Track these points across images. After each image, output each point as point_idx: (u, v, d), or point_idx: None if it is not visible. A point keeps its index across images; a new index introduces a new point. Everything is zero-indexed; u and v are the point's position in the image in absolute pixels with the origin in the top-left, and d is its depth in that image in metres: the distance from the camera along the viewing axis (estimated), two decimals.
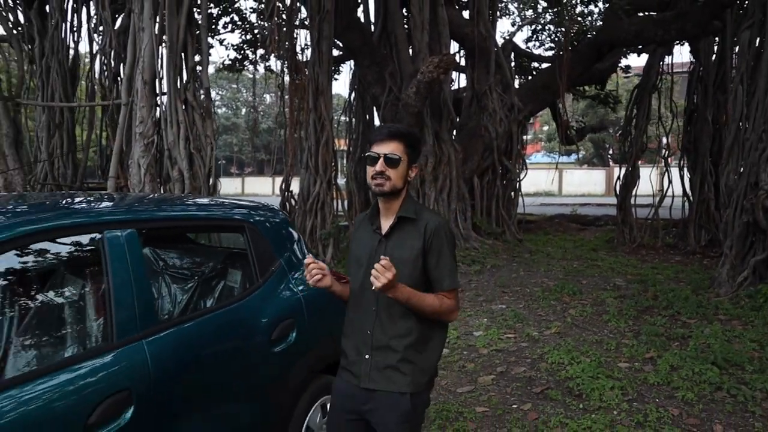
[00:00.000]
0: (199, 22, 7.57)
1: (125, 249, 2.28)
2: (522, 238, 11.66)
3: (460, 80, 14.21)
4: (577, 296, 7.39)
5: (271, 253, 2.78)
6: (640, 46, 13.28)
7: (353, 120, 12.97)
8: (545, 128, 43.46)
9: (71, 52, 10.65)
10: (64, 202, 2.61)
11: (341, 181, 12.90)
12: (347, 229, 10.23)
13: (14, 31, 9.91)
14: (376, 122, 12.56)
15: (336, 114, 18.53)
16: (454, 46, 12.19)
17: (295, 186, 10.50)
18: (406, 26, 11.19)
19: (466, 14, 12.72)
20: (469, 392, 4.61)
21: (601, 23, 14.45)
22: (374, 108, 12.22)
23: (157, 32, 7.20)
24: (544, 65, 16.38)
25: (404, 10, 11.28)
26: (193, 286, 2.91)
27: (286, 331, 2.86)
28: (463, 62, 13.27)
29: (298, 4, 10.15)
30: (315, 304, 3.08)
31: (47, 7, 10.45)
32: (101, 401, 2.04)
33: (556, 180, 33.33)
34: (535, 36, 18.18)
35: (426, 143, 10.11)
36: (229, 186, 40.42)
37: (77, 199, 2.80)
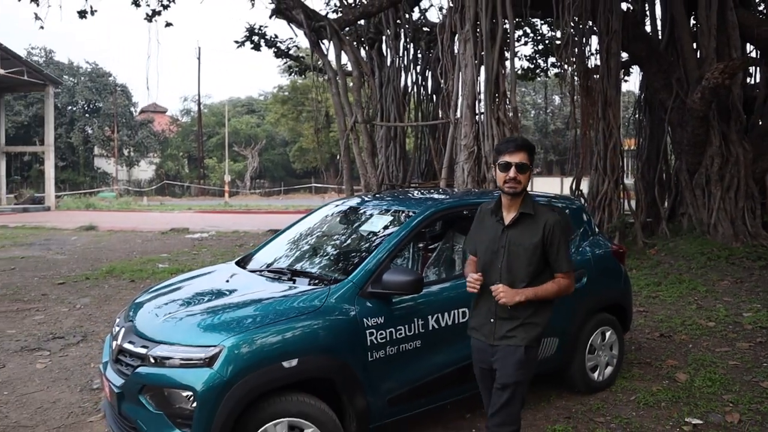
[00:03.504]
0: (507, 55, 9.59)
1: None
2: None
3: (756, 76, 13.91)
4: None
5: (571, 227, 4.46)
6: None
7: (642, 123, 13.70)
8: None
9: (402, 81, 13.57)
10: (449, 194, 4.73)
11: (629, 181, 13.82)
12: (632, 224, 11.24)
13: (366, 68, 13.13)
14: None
15: (626, 112, 19.03)
16: (746, 48, 12.25)
17: (583, 186, 11.87)
18: (696, 30, 11.64)
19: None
20: (726, 352, 5.66)
21: None
22: (662, 112, 12.88)
23: (476, 66, 9.37)
24: None
25: (691, 18, 11.78)
26: None
27: (580, 276, 4.44)
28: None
29: (590, 23, 11.41)
30: (600, 264, 4.73)
31: (383, 47, 13.49)
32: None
33: None
34: None
35: (712, 144, 10.66)
36: None
37: (455, 192, 4.92)
